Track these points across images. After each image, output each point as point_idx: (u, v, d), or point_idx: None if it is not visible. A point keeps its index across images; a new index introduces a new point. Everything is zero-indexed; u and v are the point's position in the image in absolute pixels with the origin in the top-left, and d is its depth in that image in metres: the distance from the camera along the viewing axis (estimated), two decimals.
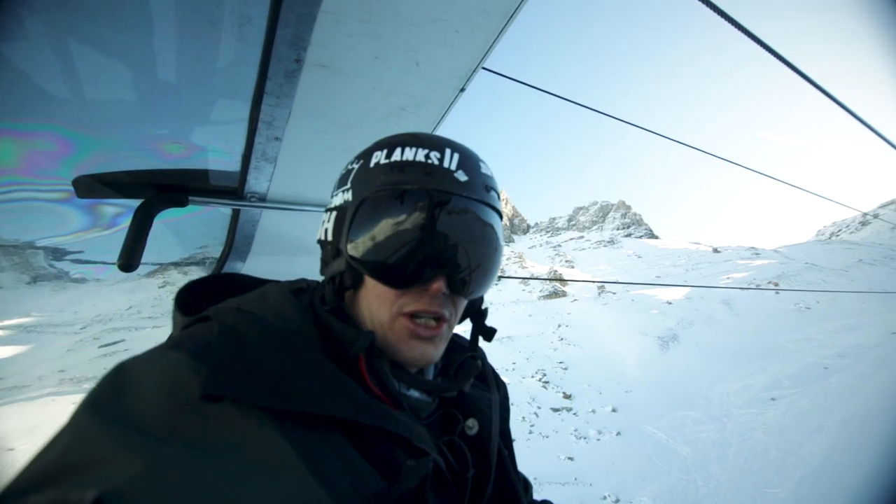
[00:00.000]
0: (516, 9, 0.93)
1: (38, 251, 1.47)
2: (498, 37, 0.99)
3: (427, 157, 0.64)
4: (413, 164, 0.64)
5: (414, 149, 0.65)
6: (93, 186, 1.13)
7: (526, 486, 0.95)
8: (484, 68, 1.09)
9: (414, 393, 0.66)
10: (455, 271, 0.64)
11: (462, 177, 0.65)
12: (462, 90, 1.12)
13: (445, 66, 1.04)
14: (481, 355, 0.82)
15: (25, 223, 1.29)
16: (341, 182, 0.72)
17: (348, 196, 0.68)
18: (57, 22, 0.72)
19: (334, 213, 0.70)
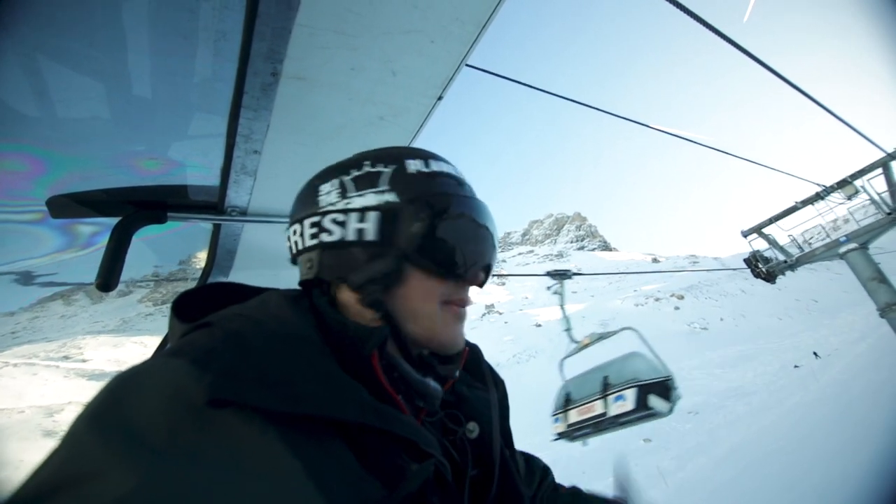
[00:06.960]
0: (489, 17, 0.95)
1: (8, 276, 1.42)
2: (473, 45, 1.01)
3: (451, 169, 0.74)
4: (448, 175, 0.72)
5: (439, 161, 0.73)
6: (68, 206, 1.11)
7: (545, 471, 0.97)
8: (468, 65, 1.10)
9: (431, 381, 0.68)
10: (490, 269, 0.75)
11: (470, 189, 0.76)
12: (440, 98, 1.14)
13: (422, 75, 1.05)
14: (476, 349, 0.85)
15: None
16: (368, 183, 0.68)
17: (390, 197, 0.66)
18: (25, 38, 0.71)
19: (377, 214, 0.66)
